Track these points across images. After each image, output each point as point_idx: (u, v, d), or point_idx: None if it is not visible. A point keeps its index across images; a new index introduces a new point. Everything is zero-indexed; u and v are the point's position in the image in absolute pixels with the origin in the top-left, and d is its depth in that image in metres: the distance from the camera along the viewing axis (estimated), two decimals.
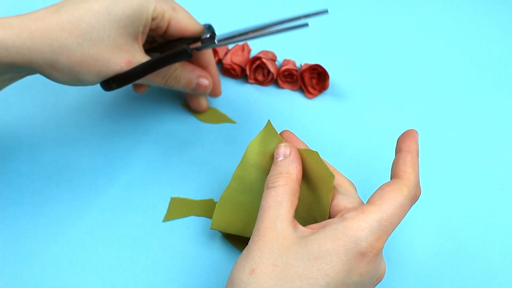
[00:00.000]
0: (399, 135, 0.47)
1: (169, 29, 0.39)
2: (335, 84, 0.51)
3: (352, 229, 0.28)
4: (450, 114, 0.50)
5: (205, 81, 0.43)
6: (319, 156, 0.32)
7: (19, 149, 0.45)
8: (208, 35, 0.39)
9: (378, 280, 0.30)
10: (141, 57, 0.37)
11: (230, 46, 0.52)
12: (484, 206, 0.43)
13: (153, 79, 0.40)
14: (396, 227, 0.29)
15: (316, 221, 0.33)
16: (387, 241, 0.41)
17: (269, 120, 0.35)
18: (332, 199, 0.32)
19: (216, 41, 0.39)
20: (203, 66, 0.44)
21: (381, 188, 0.30)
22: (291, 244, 0.28)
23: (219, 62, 0.52)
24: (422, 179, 0.45)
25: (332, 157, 0.46)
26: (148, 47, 0.42)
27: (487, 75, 0.53)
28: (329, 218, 0.33)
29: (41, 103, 0.48)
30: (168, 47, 0.40)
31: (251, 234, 0.33)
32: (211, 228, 0.37)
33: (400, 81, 0.52)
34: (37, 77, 0.50)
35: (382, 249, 0.28)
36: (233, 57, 0.50)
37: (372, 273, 0.29)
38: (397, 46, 0.55)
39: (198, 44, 0.40)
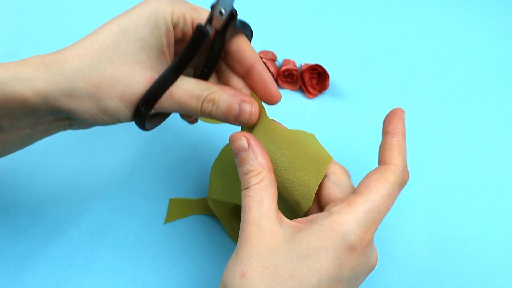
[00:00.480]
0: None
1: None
2: (335, 84, 0.51)
3: (339, 224, 0.27)
4: (450, 114, 0.50)
5: (248, 107, 0.33)
6: (316, 139, 0.32)
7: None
8: (226, 15, 0.30)
9: (370, 269, 0.30)
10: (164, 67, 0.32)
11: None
12: (484, 206, 0.43)
13: (186, 101, 0.32)
14: (385, 215, 0.29)
15: (298, 204, 0.32)
16: (386, 241, 0.41)
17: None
18: (323, 189, 0.32)
19: (237, 22, 0.31)
20: (245, 64, 0.33)
21: (367, 176, 0.30)
22: (279, 244, 0.28)
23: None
24: (422, 178, 0.45)
25: (332, 156, 0.46)
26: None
27: (487, 75, 0.53)
28: (318, 206, 0.32)
29: None
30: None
31: (236, 201, 0.33)
32: (208, 197, 0.37)
33: (400, 81, 0.52)
34: None
35: (372, 240, 0.28)
36: None
37: (364, 265, 0.29)
38: (397, 46, 0.55)
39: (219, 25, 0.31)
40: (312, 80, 0.50)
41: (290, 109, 0.49)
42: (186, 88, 0.32)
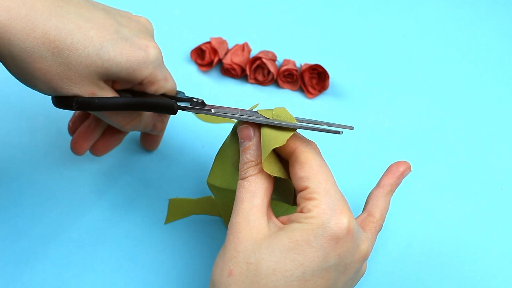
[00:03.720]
0: (398, 135, 0.47)
1: (150, 91, 0.35)
2: (335, 84, 0.51)
3: (315, 217, 0.28)
4: (450, 114, 0.50)
5: (161, 124, 0.40)
6: (286, 110, 0.31)
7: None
8: (199, 100, 0.35)
9: (363, 257, 0.30)
10: (110, 94, 0.33)
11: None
12: (484, 206, 0.43)
13: (117, 117, 0.35)
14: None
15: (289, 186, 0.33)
16: (386, 241, 0.41)
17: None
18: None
19: (212, 110, 0.34)
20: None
21: None
22: (263, 239, 0.28)
23: (219, 62, 0.52)
24: (422, 178, 0.45)
25: (332, 156, 0.46)
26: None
27: (487, 75, 0.53)
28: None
29: (42, 102, 0.48)
30: (142, 93, 0.36)
31: (233, 188, 0.33)
32: (207, 181, 0.36)
33: (400, 81, 0.52)
34: None
35: (353, 226, 0.28)
36: (233, 57, 0.50)
37: (352, 252, 0.29)
38: (397, 46, 0.55)
39: (187, 104, 0.35)
40: (312, 80, 0.50)
41: (290, 109, 0.49)
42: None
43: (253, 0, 0.59)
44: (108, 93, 0.33)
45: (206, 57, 0.50)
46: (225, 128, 0.47)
